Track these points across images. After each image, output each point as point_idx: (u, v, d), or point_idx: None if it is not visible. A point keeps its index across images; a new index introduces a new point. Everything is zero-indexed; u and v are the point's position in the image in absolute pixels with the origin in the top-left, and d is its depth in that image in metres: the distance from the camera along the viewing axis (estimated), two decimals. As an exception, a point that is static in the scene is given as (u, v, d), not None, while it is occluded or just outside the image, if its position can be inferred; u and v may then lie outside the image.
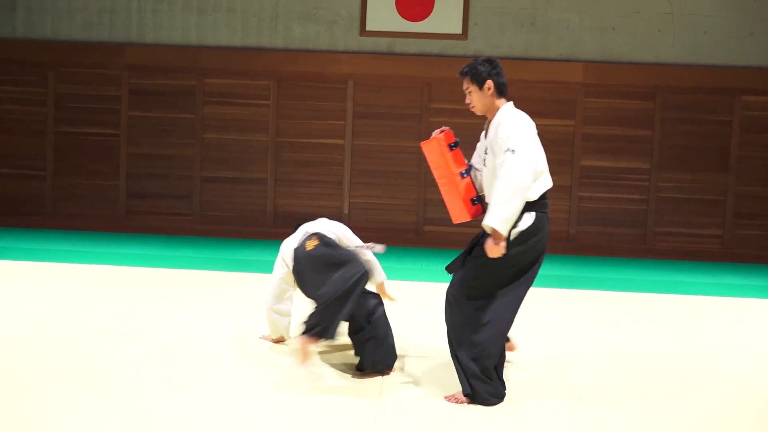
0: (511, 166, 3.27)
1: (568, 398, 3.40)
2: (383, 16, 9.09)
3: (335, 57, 9.19)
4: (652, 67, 8.97)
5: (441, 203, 9.38)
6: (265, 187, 9.35)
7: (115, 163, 9.45)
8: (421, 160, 9.18)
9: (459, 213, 3.72)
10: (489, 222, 3.28)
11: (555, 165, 9.08)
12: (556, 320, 5.18)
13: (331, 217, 9.75)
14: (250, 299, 5.40)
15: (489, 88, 3.54)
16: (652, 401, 3.36)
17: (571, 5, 9.08)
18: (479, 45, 9.14)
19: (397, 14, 9.07)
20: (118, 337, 4.09)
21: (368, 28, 9.13)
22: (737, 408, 3.35)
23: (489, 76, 3.56)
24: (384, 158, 9.28)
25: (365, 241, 4.35)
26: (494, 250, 3.29)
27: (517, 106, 3.73)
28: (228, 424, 2.86)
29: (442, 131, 3.87)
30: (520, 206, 3.30)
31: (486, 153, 3.56)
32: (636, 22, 9.06)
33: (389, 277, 6.71)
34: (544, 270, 7.62)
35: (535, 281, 6.94)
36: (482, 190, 3.64)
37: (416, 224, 9.27)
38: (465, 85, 3.63)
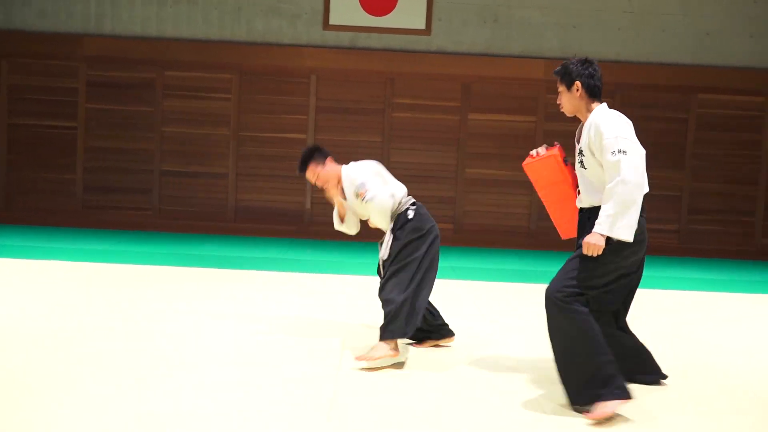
0: (628, 170, 3.16)
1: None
2: (347, 10, 9.04)
3: (298, 51, 9.11)
4: (613, 65, 9.09)
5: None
6: (227, 181, 9.24)
7: (72, 156, 9.23)
8: (384, 154, 9.17)
9: (571, 229, 3.67)
10: (618, 235, 3.17)
11: (517, 160, 9.15)
12: (514, 314, 5.21)
13: (293, 213, 9.72)
14: (212, 295, 5.33)
15: (577, 89, 3.44)
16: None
17: (533, 2, 9.15)
18: (442, 41, 9.15)
19: (361, 9, 9.03)
20: (72, 335, 3.99)
21: (331, 22, 9.07)
22: (693, 395, 3.41)
23: (578, 77, 3.44)
24: (347, 153, 9.16)
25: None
26: (596, 247, 3.22)
27: (479, 101, 3.74)
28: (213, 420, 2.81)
29: (553, 147, 3.76)
30: (639, 209, 3.22)
31: (582, 154, 3.44)
32: (597, 20, 9.17)
33: (355, 273, 6.72)
34: (504, 264, 7.71)
35: (496, 275, 6.99)
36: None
37: (379, 219, 9.26)
38: (558, 85, 3.56)
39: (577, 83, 3.45)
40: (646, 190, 3.25)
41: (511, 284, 6.65)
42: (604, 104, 3.48)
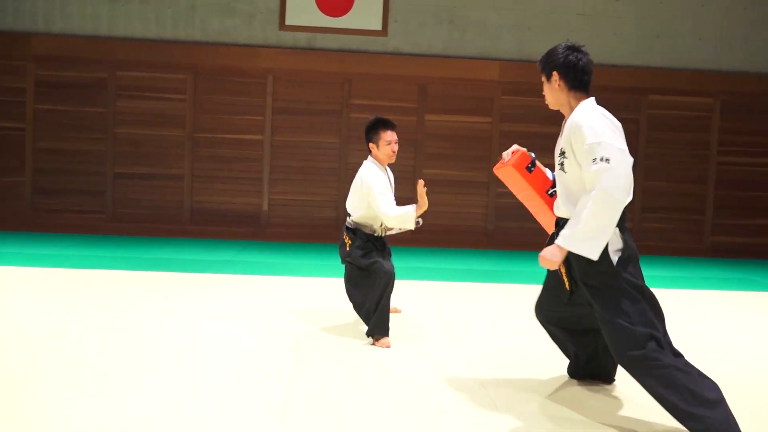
0: (609, 181, 2.76)
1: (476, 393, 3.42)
2: (303, 10, 8.97)
3: (254, 51, 9.01)
4: (566, 67, 9.21)
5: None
6: (182, 183, 9.08)
7: (20, 158, 8.97)
8: (342, 155, 9.14)
9: (552, 227, 3.33)
10: (580, 250, 2.83)
11: (473, 161, 9.29)
12: (472, 312, 5.22)
13: (249, 215, 9.61)
14: (166, 299, 5.22)
15: (557, 81, 3.06)
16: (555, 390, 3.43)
17: (489, 4, 9.22)
18: (399, 42, 9.16)
19: (317, 9, 8.98)
20: (21, 342, 3.85)
21: (288, 22, 8.99)
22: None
23: (557, 67, 3.05)
24: (304, 154, 9.18)
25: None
26: (548, 262, 2.93)
27: (436, 102, 3.71)
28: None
29: (515, 153, 3.40)
30: (613, 226, 2.85)
31: (564, 156, 3.02)
32: (551, 22, 9.28)
33: (309, 274, 6.66)
34: (462, 264, 7.73)
35: (451, 275, 7.00)
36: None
37: (337, 220, 9.21)
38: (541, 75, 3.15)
39: (555, 74, 3.08)
40: (629, 199, 2.91)
41: (470, 284, 6.66)
42: (591, 99, 3.09)
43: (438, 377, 3.65)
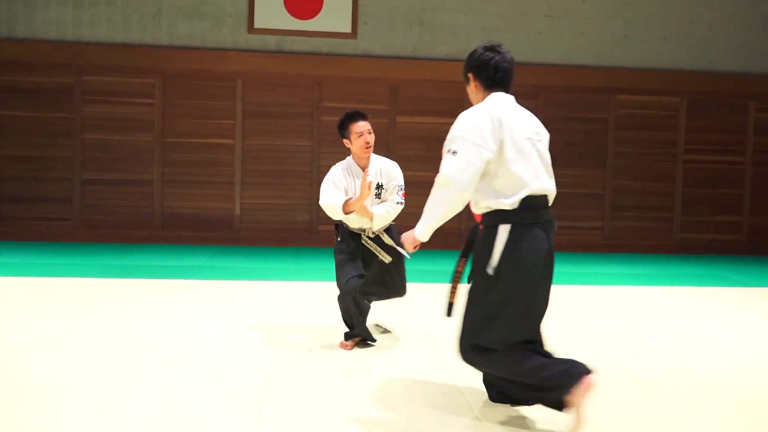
0: (449, 168, 2.90)
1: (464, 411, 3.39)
2: (271, 13, 8.90)
3: (223, 54, 8.91)
4: (536, 68, 9.26)
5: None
6: (152, 189, 8.94)
7: (-14, 165, 8.77)
8: (314, 158, 9.07)
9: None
10: (417, 233, 3.08)
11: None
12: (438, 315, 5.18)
13: (221, 220, 9.46)
14: (138, 307, 5.11)
15: (472, 81, 3.10)
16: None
17: (458, 6, 9.23)
18: (369, 44, 9.13)
19: (286, 12, 8.90)
20: (7, 351, 3.74)
21: (256, 25, 8.90)
22: (630, 392, 3.45)
23: (469, 69, 3.10)
24: (276, 158, 9.10)
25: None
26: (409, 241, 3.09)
27: (407, 104, 3.69)
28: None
29: None
30: (447, 213, 2.95)
31: None
32: (520, 24, 9.33)
33: (282, 279, 6.58)
34: (433, 266, 7.71)
35: (424, 276, 6.96)
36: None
37: (310, 223, 9.15)
38: None
39: (470, 75, 3.10)
40: (466, 198, 2.92)
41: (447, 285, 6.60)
42: (498, 95, 3.08)
43: (419, 380, 3.61)
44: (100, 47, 8.77)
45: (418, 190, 9.28)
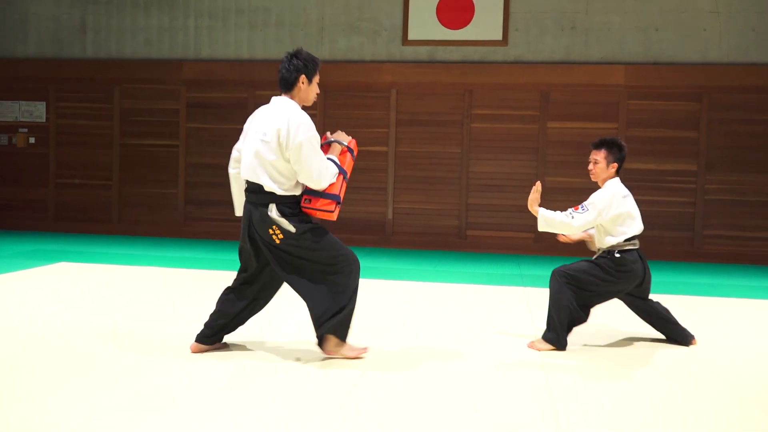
0: None
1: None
2: (425, 25, 8.86)
3: (379, 67, 9.01)
4: (698, 67, 8.42)
5: (484, 208, 9.05)
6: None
7: (174, 172, 9.52)
8: (463, 165, 8.90)
9: None
10: None
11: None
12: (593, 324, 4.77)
13: (375, 223, 9.50)
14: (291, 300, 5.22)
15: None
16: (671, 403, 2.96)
17: (612, 7, 8.63)
18: (520, 51, 8.79)
19: (438, 23, 8.82)
20: (152, 336, 3.95)
21: (410, 37, 8.90)
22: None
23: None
24: (426, 164, 9.03)
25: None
26: None
27: (558, 109, 3.58)
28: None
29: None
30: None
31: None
32: (681, 22, 8.53)
33: (433, 280, 6.47)
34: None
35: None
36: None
37: (459, 228, 8.98)
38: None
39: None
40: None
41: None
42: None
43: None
44: (271, 64, 9.20)
45: (568, 196, 8.78)
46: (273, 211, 3.47)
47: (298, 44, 9.17)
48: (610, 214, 4.00)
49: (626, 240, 4.03)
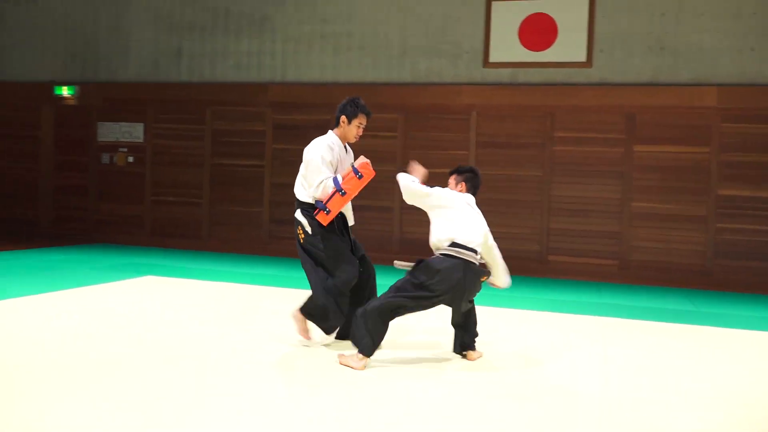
0: None
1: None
2: (506, 47, 8.69)
3: (459, 89, 8.92)
4: (801, 89, 7.85)
5: (566, 233, 8.71)
6: (392, 215, 9.22)
7: (260, 191, 9.76)
8: (544, 188, 8.65)
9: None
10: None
11: (689, 194, 8.22)
12: (680, 358, 4.46)
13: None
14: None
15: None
16: None
17: (703, 26, 8.17)
18: (605, 72, 8.48)
19: (520, 45, 8.64)
20: (223, 350, 3.99)
21: (491, 59, 8.76)
22: None
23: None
24: (506, 187, 8.83)
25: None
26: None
27: (645, 132, 3.36)
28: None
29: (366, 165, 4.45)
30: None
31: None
32: (781, 42, 7.99)
33: (512, 306, 6.27)
34: (675, 305, 6.79)
35: (664, 315, 6.14)
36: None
37: (540, 253, 8.71)
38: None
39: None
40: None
41: (682, 326, 5.72)
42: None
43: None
44: (353, 87, 9.30)
45: (656, 223, 8.38)
46: (298, 214, 4.37)
47: (380, 67, 9.26)
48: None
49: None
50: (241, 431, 2.89)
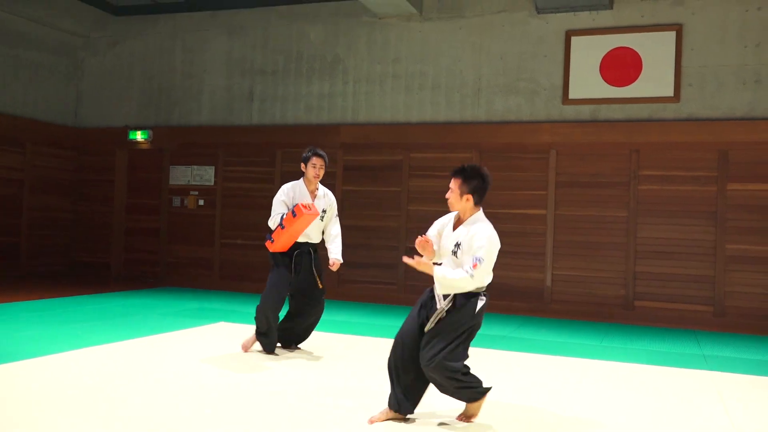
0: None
1: None
2: (587, 83, 8.46)
3: (537, 127, 8.70)
4: None
5: (654, 276, 8.24)
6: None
7: (329, 234, 9.65)
8: (630, 229, 8.25)
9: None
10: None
11: (791, 235, 7.71)
12: (758, 411, 4.06)
13: (532, 290, 8.99)
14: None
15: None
16: None
17: (804, 58, 7.79)
18: (693, 107, 8.13)
19: (602, 80, 8.40)
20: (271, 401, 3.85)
21: (571, 96, 8.54)
22: None
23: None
24: (588, 228, 8.48)
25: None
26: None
27: (739, 170, 3.17)
28: None
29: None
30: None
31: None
32: None
33: (597, 357, 5.91)
34: (760, 355, 6.26)
35: (751, 368, 5.66)
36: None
37: (626, 298, 8.27)
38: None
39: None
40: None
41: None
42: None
43: None
44: (425, 126, 9.22)
45: (753, 267, 7.85)
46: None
47: (453, 106, 9.15)
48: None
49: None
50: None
